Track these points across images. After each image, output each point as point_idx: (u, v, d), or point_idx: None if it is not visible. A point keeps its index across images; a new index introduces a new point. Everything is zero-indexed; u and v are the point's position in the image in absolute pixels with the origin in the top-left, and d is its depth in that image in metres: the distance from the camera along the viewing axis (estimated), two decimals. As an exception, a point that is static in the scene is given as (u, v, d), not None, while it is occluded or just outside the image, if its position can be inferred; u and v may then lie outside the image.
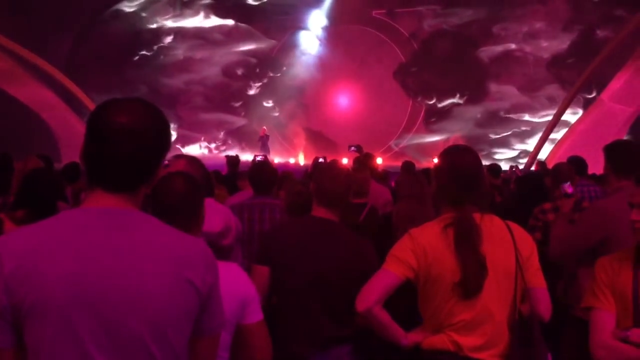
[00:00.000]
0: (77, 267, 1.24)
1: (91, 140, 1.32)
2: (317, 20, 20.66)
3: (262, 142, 18.46)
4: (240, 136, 20.98)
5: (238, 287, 2.00)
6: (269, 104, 21.10)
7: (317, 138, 19.94)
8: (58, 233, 1.27)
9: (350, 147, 14.80)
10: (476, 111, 19.23)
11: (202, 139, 21.14)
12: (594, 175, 6.91)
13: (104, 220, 1.30)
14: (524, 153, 18.49)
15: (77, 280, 1.23)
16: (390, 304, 2.42)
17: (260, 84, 21.18)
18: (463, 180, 2.19)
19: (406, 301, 2.30)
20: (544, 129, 16.71)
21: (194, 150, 20.89)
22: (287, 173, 5.88)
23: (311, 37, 20.80)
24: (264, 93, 21.22)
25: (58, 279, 1.22)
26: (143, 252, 1.30)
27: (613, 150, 3.20)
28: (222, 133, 21.23)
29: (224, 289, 1.52)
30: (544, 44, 18.47)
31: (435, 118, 19.74)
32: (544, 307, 2.16)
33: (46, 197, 3.42)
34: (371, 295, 2.11)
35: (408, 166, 7.25)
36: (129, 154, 1.31)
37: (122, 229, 1.31)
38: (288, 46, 21.13)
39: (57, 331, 1.22)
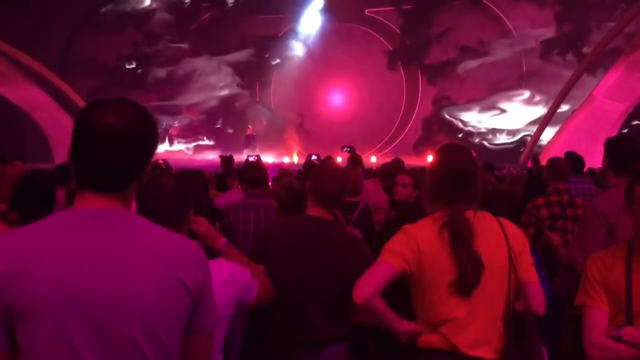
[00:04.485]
0: (67, 269, 1.24)
1: (79, 141, 1.32)
2: (310, 20, 20.65)
3: (248, 141, 18.41)
4: (232, 136, 20.95)
5: (235, 278, 2.04)
6: (262, 103, 21.10)
7: (312, 137, 19.95)
8: (48, 235, 1.27)
9: (343, 147, 14.90)
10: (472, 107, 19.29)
11: (205, 138, 21.11)
12: (591, 169, 6.95)
13: (94, 221, 1.31)
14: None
15: (67, 281, 1.23)
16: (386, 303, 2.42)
17: (253, 83, 21.19)
18: (456, 178, 2.20)
19: (399, 300, 2.30)
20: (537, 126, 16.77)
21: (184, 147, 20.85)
22: (284, 171, 5.87)
23: (305, 37, 20.78)
24: (257, 92, 21.22)
25: (48, 281, 1.22)
26: (133, 252, 1.30)
27: (613, 146, 3.16)
28: (212, 130, 21.18)
29: (223, 286, 1.50)
30: (537, 34, 18.45)
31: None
32: (538, 301, 2.17)
33: (41, 199, 3.43)
34: (369, 287, 2.10)
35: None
36: (117, 155, 1.32)
37: (112, 229, 1.31)
38: (282, 45, 21.12)
39: (49, 332, 1.22)
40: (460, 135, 18.98)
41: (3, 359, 1.25)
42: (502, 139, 19.10)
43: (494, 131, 19.19)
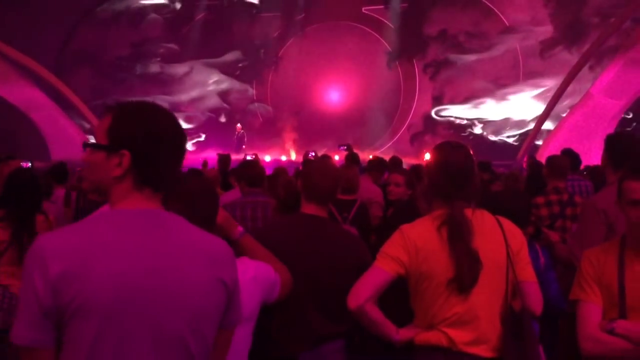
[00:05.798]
0: (123, 268, 1.27)
1: (155, 143, 1.39)
2: (307, 17, 20.64)
3: (238, 139, 18.30)
4: (230, 133, 20.88)
5: (261, 276, 2.09)
6: (259, 101, 21.09)
7: (309, 134, 19.90)
8: (102, 234, 1.30)
9: (340, 145, 14.92)
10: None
11: (203, 136, 21.04)
12: (587, 167, 6.96)
13: (144, 221, 1.36)
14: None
15: (123, 280, 1.27)
16: (383, 301, 2.41)
17: (250, 81, 21.17)
18: (454, 176, 2.20)
19: (398, 298, 2.29)
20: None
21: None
22: (280, 169, 5.86)
23: (301, 34, 20.77)
24: (254, 91, 21.20)
25: (106, 279, 1.25)
26: (181, 252, 1.36)
27: (613, 142, 3.15)
28: (210, 128, 21.12)
29: (251, 285, 1.70)
30: (537, 28, 18.39)
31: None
32: (535, 300, 2.17)
33: (27, 197, 3.44)
34: (362, 293, 2.11)
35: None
36: (182, 156, 1.45)
37: (161, 229, 1.36)
38: (278, 43, 21.11)
39: (101, 330, 1.24)
40: (463, 134, 18.91)
41: (50, 357, 1.27)
42: (504, 135, 19.04)
43: (496, 128, 19.14)
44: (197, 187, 1.99)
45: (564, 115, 16.41)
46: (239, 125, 18.77)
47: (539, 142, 16.64)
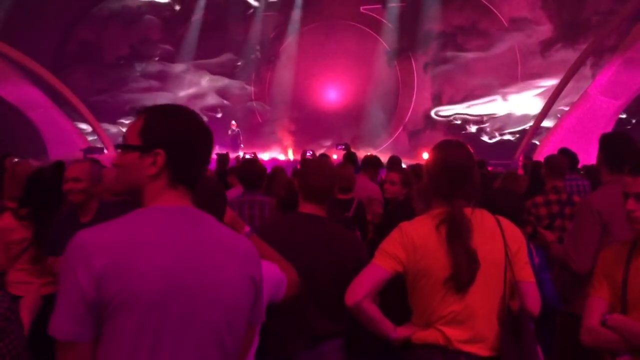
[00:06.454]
0: (165, 263, 1.30)
1: (187, 142, 1.44)
2: (305, 16, 20.62)
3: (233, 137, 18.26)
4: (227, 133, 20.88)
5: (268, 276, 2.11)
6: (257, 101, 21.07)
7: (307, 134, 19.92)
8: (143, 230, 1.33)
9: (338, 145, 14.96)
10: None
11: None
12: (585, 166, 6.97)
13: (181, 217, 1.39)
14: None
15: (166, 275, 1.30)
16: (381, 299, 2.42)
17: (248, 81, 21.16)
18: (454, 174, 2.19)
19: (396, 297, 2.29)
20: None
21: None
22: (278, 169, 5.85)
23: (299, 34, 20.75)
24: (252, 90, 21.18)
25: (149, 274, 1.28)
26: (217, 248, 1.40)
27: (609, 142, 3.15)
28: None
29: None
30: (533, 30, 18.36)
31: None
32: (533, 301, 2.17)
33: (49, 197, 3.50)
34: (360, 290, 2.11)
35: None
36: (210, 155, 1.50)
37: (198, 226, 1.40)
38: (276, 42, 21.10)
39: (142, 324, 1.27)
40: (462, 132, 18.89)
41: (89, 351, 1.28)
42: (505, 132, 18.99)
43: (496, 126, 19.09)
44: (205, 185, 1.98)
45: (562, 115, 16.42)
46: (233, 122, 18.70)
47: (537, 142, 16.64)
